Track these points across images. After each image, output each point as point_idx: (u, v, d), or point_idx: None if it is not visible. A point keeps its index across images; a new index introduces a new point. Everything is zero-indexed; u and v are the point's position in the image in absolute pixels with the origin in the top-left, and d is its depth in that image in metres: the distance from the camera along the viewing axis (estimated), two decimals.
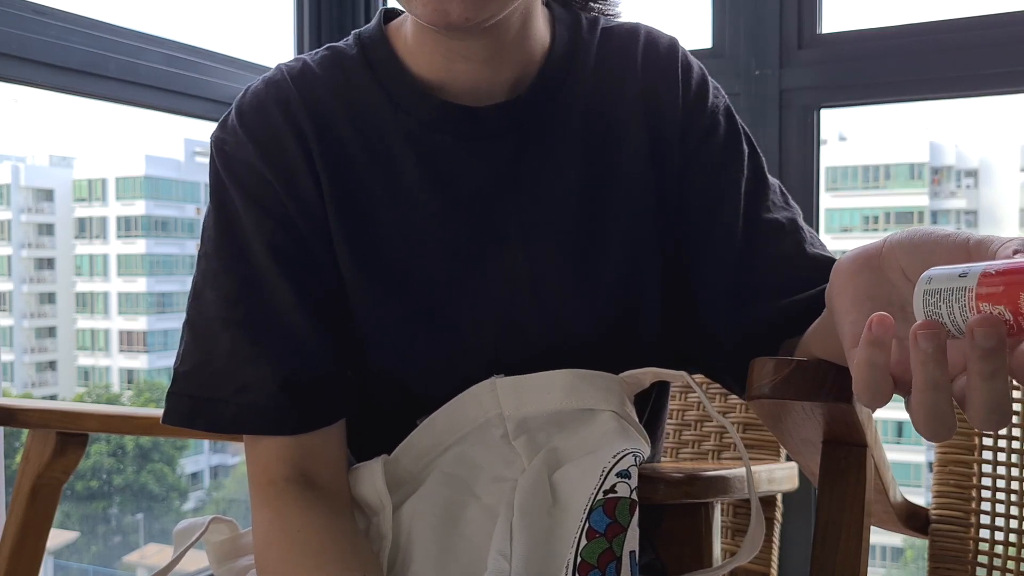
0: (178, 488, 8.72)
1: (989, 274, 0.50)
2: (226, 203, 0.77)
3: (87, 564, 8.05)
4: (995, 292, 0.49)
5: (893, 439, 7.52)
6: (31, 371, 11.10)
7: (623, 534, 0.66)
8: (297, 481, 0.75)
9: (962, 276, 0.51)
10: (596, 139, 0.80)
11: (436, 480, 0.75)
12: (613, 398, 0.75)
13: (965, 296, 0.50)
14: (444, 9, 0.68)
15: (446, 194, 0.78)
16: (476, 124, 0.78)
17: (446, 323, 0.78)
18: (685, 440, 1.23)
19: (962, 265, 0.51)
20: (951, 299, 0.51)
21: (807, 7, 1.55)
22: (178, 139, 11.91)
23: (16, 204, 11.10)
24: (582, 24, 0.83)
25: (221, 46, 1.64)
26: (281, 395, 0.74)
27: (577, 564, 0.65)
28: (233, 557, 0.82)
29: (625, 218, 0.79)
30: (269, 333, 0.75)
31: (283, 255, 0.76)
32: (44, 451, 1.10)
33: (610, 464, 0.69)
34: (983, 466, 1.07)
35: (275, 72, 0.81)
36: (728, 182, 0.79)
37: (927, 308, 0.51)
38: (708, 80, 0.83)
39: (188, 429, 0.76)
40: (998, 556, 1.05)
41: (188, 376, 0.76)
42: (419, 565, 0.72)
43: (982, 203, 8.40)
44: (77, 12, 1.38)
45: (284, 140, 0.77)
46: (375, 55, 0.80)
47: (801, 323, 0.72)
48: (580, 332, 0.79)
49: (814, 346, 0.71)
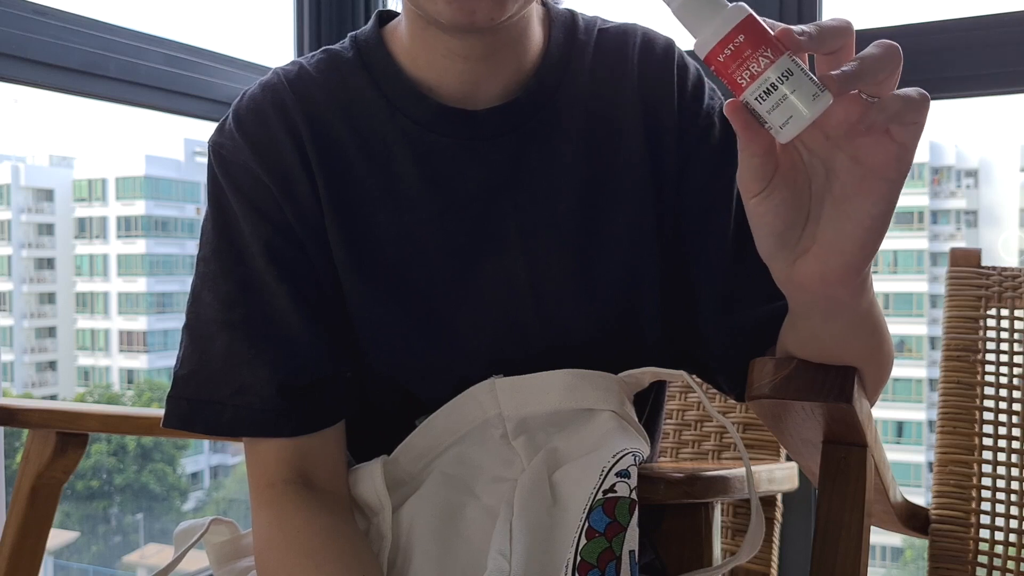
0: (178, 488, 8.71)
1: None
2: (224, 207, 0.78)
3: (87, 564, 8.05)
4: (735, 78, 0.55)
5: (893, 439, 7.52)
6: (31, 371, 11.09)
7: (623, 533, 0.66)
8: (296, 483, 0.75)
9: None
10: (593, 140, 0.79)
11: (436, 480, 0.75)
12: (612, 398, 0.75)
13: (751, 101, 0.55)
14: (471, 8, 0.68)
15: (444, 196, 0.78)
16: (474, 125, 0.78)
17: (445, 324, 0.78)
18: (685, 440, 1.23)
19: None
20: (761, 108, 0.54)
21: (807, 7, 1.54)
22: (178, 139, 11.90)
23: (16, 204, 11.09)
24: (578, 24, 0.83)
25: (221, 46, 1.64)
26: (278, 397, 0.74)
27: (577, 564, 0.65)
28: (233, 558, 0.82)
29: (623, 219, 0.79)
30: (267, 336, 0.75)
31: (280, 258, 0.76)
32: (44, 451, 1.10)
33: (610, 464, 0.69)
34: (983, 466, 1.07)
35: (272, 76, 0.81)
36: (722, 185, 0.79)
37: (782, 118, 0.54)
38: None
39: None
40: (998, 556, 1.05)
41: (186, 379, 0.76)
42: (419, 565, 0.72)
43: (982, 203, 8.39)
44: (77, 12, 1.38)
45: (281, 144, 0.77)
46: (371, 57, 0.80)
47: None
48: (579, 333, 0.79)
49: (788, 341, 0.71)
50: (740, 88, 0.54)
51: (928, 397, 7.47)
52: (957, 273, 1.14)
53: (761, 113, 0.54)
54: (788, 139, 0.54)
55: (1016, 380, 1.08)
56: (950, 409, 1.10)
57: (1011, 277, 1.11)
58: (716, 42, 0.54)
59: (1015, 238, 7.67)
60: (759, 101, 0.54)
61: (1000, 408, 1.08)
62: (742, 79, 0.54)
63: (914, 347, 7.59)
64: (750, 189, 0.58)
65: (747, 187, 0.58)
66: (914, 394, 7.66)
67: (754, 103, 0.54)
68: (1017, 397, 1.06)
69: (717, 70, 0.55)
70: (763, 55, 0.53)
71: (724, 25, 0.54)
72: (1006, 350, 1.09)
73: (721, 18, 0.54)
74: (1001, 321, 1.10)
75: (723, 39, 0.54)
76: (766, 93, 0.53)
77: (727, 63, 0.54)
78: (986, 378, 1.09)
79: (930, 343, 7.40)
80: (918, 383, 7.68)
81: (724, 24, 0.54)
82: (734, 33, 0.53)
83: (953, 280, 1.14)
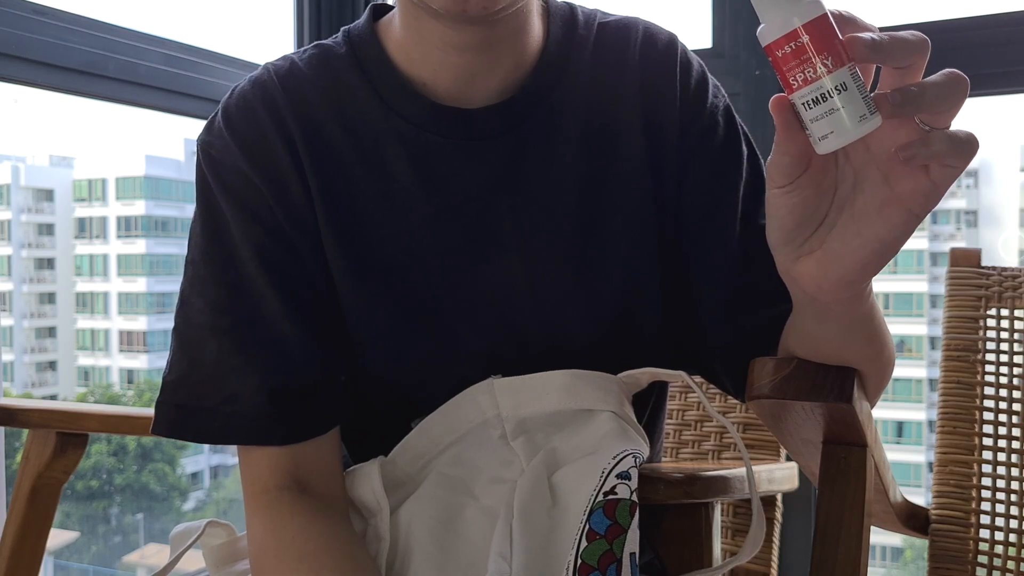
0: (178, 488, 8.71)
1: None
2: (213, 208, 0.76)
3: (87, 564, 8.04)
4: (785, 76, 0.52)
5: (893, 439, 7.52)
6: (31, 371, 11.09)
7: (623, 536, 0.66)
8: (291, 488, 0.74)
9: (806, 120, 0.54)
10: (593, 139, 0.78)
11: (434, 481, 0.75)
12: (612, 398, 0.75)
13: (801, 105, 0.53)
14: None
15: (440, 196, 0.76)
16: (470, 125, 0.76)
17: (442, 326, 0.77)
18: (685, 440, 1.23)
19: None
20: (813, 119, 0.53)
21: None
22: (178, 139, 11.90)
23: (16, 204, 11.09)
24: (578, 19, 0.81)
25: (221, 46, 1.64)
26: (269, 405, 0.73)
27: (577, 566, 0.64)
28: (230, 561, 0.81)
29: (623, 219, 0.78)
30: (257, 342, 0.74)
31: (271, 262, 0.74)
32: (44, 451, 1.10)
33: (610, 465, 0.69)
34: (983, 466, 1.07)
35: (262, 71, 0.79)
36: (726, 185, 0.78)
37: (825, 130, 0.53)
38: (708, 78, 0.81)
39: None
40: (998, 556, 1.05)
41: (175, 385, 0.75)
42: (418, 567, 0.71)
43: (982, 203, 8.39)
44: (77, 12, 1.38)
45: (271, 142, 0.75)
46: (364, 53, 0.78)
47: None
48: (578, 334, 0.78)
49: (789, 337, 0.71)
50: (791, 88, 0.52)
51: (928, 397, 7.47)
52: (957, 273, 1.14)
53: (805, 118, 0.53)
54: (824, 152, 0.53)
55: (1016, 380, 1.08)
56: (950, 409, 1.10)
57: (1011, 277, 1.11)
58: (781, 35, 0.51)
59: (1015, 238, 7.67)
60: (806, 107, 0.52)
61: (1000, 408, 1.08)
62: (795, 80, 0.52)
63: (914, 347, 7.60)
64: (775, 181, 0.57)
65: (772, 179, 0.57)
66: (914, 394, 7.66)
67: (800, 107, 0.52)
68: (1017, 397, 1.06)
69: (773, 61, 0.52)
70: (823, 61, 0.51)
71: (794, 19, 0.51)
72: (1006, 350, 1.09)
73: (794, 10, 0.51)
74: (1001, 321, 1.10)
75: (788, 34, 0.51)
76: (815, 101, 0.52)
77: (786, 59, 0.52)
78: (986, 378, 1.09)
79: (930, 343, 7.40)
80: (918, 383, 7.68)
81: (794, 18, 0.51)
82: (802, 31, 0.51)
83: (953, 280, 1.14)
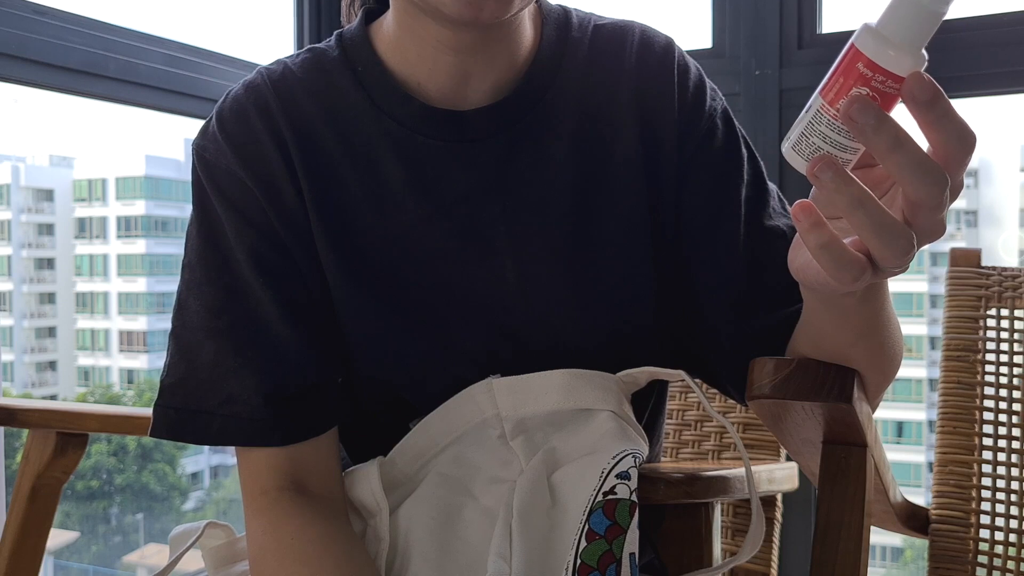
0: (179, 488, 8.71)
1: (825, 85, 0.51)
2: (208, 211, 0.76)
3: (87, 564, 8.04)
4: (838, 86, 0.50)
5: (893, 439, 7.52)
6: (31, 371, 11.08)
7: (623, 536, 0.66)
8: (289, 489, 0.74)
9: (807, 109, 0.52)
10: (587, 142, 0.78)
11: (433, 482, 0.75)
12: (611, 398, 0.75)
13: (821, 113, 0.51)
14: (479, 4, 0.66)
15: (432, 198, 0.76)
16: (462, 127, 0.76)
17: (436, 328, 0.77)
18: (685, 440, 1.23)
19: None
20: (814, 128, 0.52)
21: (807, 7, 1.54)
22: (178, 139, 11.90)
23: (16, 204, 11.08)
24: (572, 21, 0.80)
25: (221, 46, 1.64)
26: (267, 407, 0.73)
27: (577, 566, 0.64)
28: (230, 562, 0.81)
29: (616, 222, 0.78)
30: (253, 344, 0.74)
31: (266, 265, 0.74)
32: (44, 451, 1.10)
33: (609, 465, 0.69)
34: (983, 466, 1.07)
35: (255, 76, 0.79)
36: (728, 189, 0.78)
37: (806, 155, 0.52)
38: (706, 82, 0.81)
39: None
40: (998, 556, 1.05)
41: (173, 388, 0.75)
42: (417, 568, 0.71)
43: (982, 203, 8.39)
44: (77, 12, 1.38)
45: (264, 146, 0.75)
46: (357, 56, 0.78)
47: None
48: (572, 335, 0.78)
49: (800, 339, 0.71)
50: (830, 100, 0.51)
51: (928, 397, 7.46)
52: (957, 273, 1.14)
53: (806, 126, 0.52)
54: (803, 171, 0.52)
55: (1016, 380, 1.08)
56: (950, 409, 1.10)
57: (1011, 277, 1.11)
58: (881, 65, 0.49)
59: (1015, 238, 7.66)
60: (822, 130, 0.51)
61: (1000, 408, 1.08)
62: (838, 105, 0.50)
63: (914, 347, 7.59)
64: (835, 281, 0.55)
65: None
66: (914, 394, 7.65)
67: (819, 124, 0.51)
68: (1017, 397, 1.06)
69: (847, 73, 0.50)
70: (866, 114, 0.49)
71: (900, 63, 0.49)
72: (1006, 350, 1.09)
73: (907, 53, 0.49)
74: (1001, 321, 1.10)
75: (884, 70, 0.49)
76: (837, 131, 0.51)
77: (858, 81, 0.49)
78: (986, 378, 1.09)
79: (930, 343, 7.39)
80: (918, 383, 7.67)
81: (903, 62, 0.49)
82: (890, 76, 0.49)
83: (953, 280, 1.14)
